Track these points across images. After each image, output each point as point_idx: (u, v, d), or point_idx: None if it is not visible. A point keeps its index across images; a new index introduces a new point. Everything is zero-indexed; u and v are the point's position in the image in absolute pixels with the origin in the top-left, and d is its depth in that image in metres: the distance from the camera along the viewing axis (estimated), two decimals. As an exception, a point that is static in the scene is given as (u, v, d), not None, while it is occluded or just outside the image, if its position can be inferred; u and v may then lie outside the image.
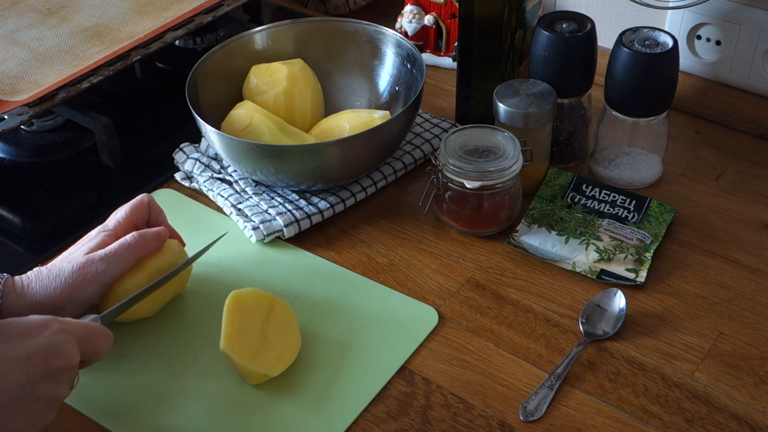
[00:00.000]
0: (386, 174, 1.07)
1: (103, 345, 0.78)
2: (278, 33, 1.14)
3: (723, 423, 0.81)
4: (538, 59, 1.03)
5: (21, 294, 0.82)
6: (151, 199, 0.92)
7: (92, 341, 0.77)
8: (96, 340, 0.78)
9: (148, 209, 0.92)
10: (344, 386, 0.85)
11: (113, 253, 0.86)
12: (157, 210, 0.93)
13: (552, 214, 1.01)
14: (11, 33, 1.21)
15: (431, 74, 1.26)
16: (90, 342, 0.77)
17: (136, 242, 0.87)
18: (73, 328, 0.75)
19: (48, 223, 1.05)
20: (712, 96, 1.16)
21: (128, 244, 0.86)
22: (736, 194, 1.05)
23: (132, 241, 0.87)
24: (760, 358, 0.87)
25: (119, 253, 0.86)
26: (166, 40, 1.17)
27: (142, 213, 0.91)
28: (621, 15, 1.21)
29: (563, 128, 1.07)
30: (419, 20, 1.26)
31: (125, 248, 0.86)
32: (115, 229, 0.89)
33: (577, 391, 0.84)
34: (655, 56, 0.98)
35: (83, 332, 0.76)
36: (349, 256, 0.99)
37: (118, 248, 0.86)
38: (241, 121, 1.02)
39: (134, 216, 0.90)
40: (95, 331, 0.78)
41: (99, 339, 0.78)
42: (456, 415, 0.82)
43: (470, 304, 0.93)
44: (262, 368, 0.83)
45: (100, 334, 0.78)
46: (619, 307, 0.90)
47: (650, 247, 0.97)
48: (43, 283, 0.83)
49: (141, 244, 0.87)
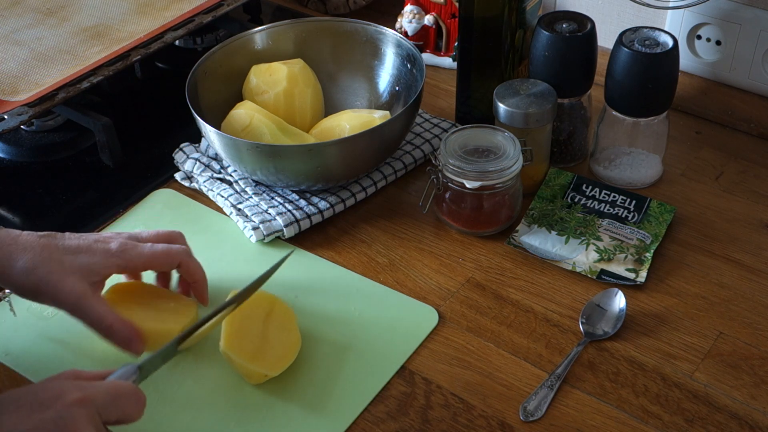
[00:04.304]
0: (386, 174, 1.07)
1: (133, 409, 0.70)
2: (278, 33, 1.14)
3: (723, 423, 0.81)
4: (538, 59, 1.03)
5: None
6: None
7: (119, 405, 0.69)
8: (124, 404, 0.70)
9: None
10: (344, 386, 0.85)
11: (133, 244, 0.85)
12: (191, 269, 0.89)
13: (552, 214, 1.01)
14: (11, 33, 1.21)
15: (431, 74, 1.26)
16: (117, 406, 0.69)
17: (158, 249, 0.86)
18: (94, 395, 0.68)
19: (48, 223, 1.05)
20: (712, 96, 1.16)
21: (152, 247, 0.86)
22: (736, 194, 1.05)
23: (158, 248, 0.86)
24: (760, 358, 0.87)
25: (137, 247, 0.85)
26: (166, 40, 1.17)
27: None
28: (621, 15, 1.21)
29: (563, 128, 1.07)
30: (419, 20, 1.26)
31: (147, 247, 0.85)
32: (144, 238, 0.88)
33: (577, 391, 0.84)
34: (655, 56, 0.98)
35: (107, 398, 0.68)
36: (349, 256, 0.99)
37: (140, 245, 0.85)
38: (241, 121, 1.02)
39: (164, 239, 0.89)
40: (123, 395, 0.70)
41: (127, 402, 0.70)
42: (456, 415, 0.82)
43: (470, 304, 0.93)
44: (262, 368, 0.83)
45: (128, 397, 0.70)
46: (619, 307, 0.90)
47: (650, 247, 0.97)
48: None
49: (162, 253, 0.86)
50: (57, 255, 0.81)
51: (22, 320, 0.92)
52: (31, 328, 0.91)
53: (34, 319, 0.92)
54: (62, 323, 0.91)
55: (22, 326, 0.91)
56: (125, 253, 0.84)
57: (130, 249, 0.84)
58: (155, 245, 0.86)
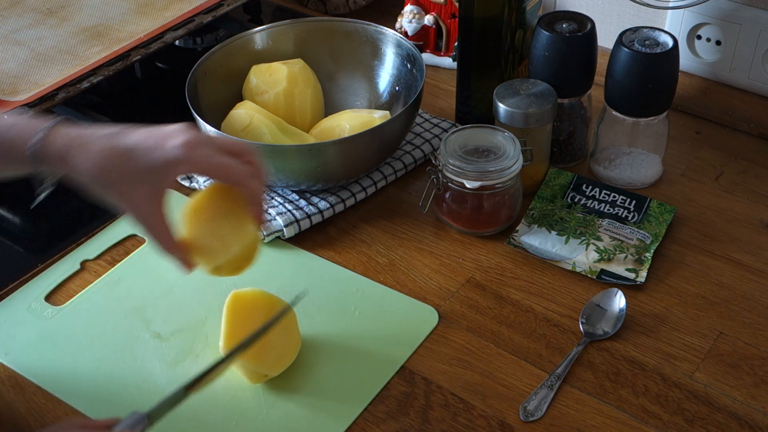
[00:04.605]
0: (386, 174, 1.07)
1: None
2: (278, 33, 1.14)
3: (723, 423, 0.81)
4: (538, 59, 1.03)
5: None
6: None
7: None
8: None
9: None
10: (344, 386, 0.85)
11: (200, 152, 0.77)
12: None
13: (552, 214, 1.01)
14: (11, 33, 1.21)
15: (431, 74, 1.26)
16: None
17: (224, 163, 0.77)
18: None
19: (48, 223, 1.05)
20: (712, 96, 1.16)
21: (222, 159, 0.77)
22: (736, 194, 1.05)
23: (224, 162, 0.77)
24: (760, 358, 0.87)
25: (204, 154, 0.77)
26: (166, 40, 1.17)
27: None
28: (621, 15, 1.21)
29: (563, 128, 1.07)
30: (419, 20, 1.26)
31: (214, 158, 0.77)
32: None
33: (577, 391, 0.84)
34: (655, 56, 0.98)
35: None
36: (349, 256, 0.99)
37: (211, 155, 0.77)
38: (241, 121, 1.02)
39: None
40: None
41: None
42: (456, 415, 0.82)
43: (470, 304, 0.93)
44: (262, 368, 0.83)
45: None
46: (619, 307, 0.90)
47: (650, 247, 0.97)
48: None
49: (233, 168, 0.77)
50: (123, 158, 0.76)
51: (22, 320, 0.92)
52: (31, 328, 0.91)
53: (35, 319, 0.92)
54: (62, 323, 0.91)
55: (22, 326, 0.91)
56: (190, 158, 0.76)
57: (198, 156, 0.76)
58: (222, 159, 0.78)
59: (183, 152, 0.75)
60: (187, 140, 0.75)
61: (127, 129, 0.78)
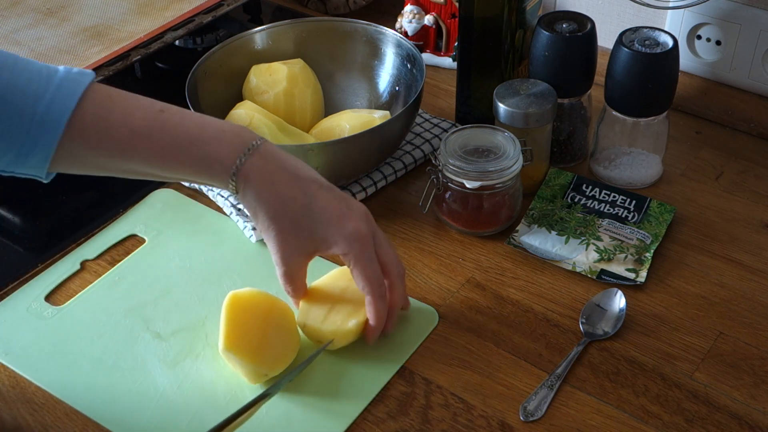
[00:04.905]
0: (386, 174, 1.07)
1: None
2: (278, 33, 1.14)
3: (723, 423, 0.81)
4: (538, 59, 1.03)
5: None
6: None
7: None
8: None
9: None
10: (344, 386, 0.85)
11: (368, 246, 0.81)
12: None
13: (552, 214, 1.01)
14: (11, 33, 1.21)
15: (431, 74, 1.26)
16: None
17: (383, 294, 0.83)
18: None
19: (48, 223, 1.05)
20: (712, 96, 1.16)
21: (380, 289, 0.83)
22: (736, 194, 1.05)
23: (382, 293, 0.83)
24: (760, 358, 0.87)
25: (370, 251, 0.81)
26: (166, 40, 1.17)
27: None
28: (621, 15, 1.21)
29: (563, 128, 1.07)
30: (419, 20, 1.26)
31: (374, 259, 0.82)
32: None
33: (577, 391, 0.84)
34: (655, 56, 0.98)
35: None
36: (349, 256, 0.99)
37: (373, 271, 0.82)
38: (241, 121, 1.02)
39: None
40: None
41: None
42: (456, 415, 0.82)
43: (470, 304, 0.93)
44: (262, 368, 0.83)
45: None
46: (619, 307, 0.90)
47: (650, 247, 0.97)
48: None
49: (375, 288, 0.82)
50: (300, 217, 0.79)
51: (22, 320, 0.92)
52: (31, 328, 0.91)
53: (34, 319, 0.92)
54: (62, 323, 0.91)
55: (22, 326, 0.91)
56: (354, 255, 0.81)
57: (360, 256, 0.81)
58: (374, 273, 0.82)
59: (352, 247, 0.80)
60: (362, 234, 0.80)
61: (312, 177, 0.81)
